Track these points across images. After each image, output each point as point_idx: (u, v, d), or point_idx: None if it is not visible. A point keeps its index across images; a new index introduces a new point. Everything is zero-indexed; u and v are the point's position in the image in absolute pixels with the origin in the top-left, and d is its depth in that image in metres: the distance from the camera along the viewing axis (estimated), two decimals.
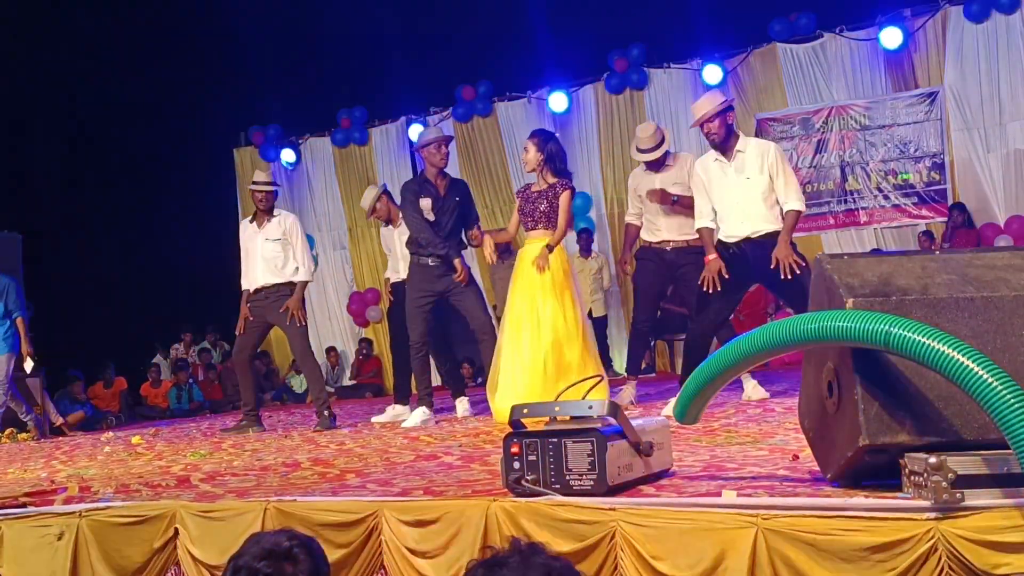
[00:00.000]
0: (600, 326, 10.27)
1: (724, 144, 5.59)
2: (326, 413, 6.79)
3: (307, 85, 12.31)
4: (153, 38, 11.86)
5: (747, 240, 5.55)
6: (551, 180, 6.00)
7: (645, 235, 6.63)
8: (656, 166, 6.53)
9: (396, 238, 7.36)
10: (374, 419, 7.10)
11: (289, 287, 6.76)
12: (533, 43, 11.11)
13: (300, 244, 6.88)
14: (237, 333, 6.93)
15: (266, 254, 6.77)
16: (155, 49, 11.90)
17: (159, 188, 11.93)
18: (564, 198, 5.96)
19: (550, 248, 5.88)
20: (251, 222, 6.98)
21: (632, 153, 6.85)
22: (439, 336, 6.95)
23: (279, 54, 11.96)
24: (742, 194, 5.54)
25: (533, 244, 6.00)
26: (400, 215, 7.27)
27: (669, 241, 6.43)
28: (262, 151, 13.25)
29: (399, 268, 7.33)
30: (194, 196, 12.14)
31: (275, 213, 6.93)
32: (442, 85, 11.92)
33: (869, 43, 10.06)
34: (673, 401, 5.71)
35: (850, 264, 2.83)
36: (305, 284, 6.87)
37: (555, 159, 6.02)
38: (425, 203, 6.45)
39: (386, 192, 7.55)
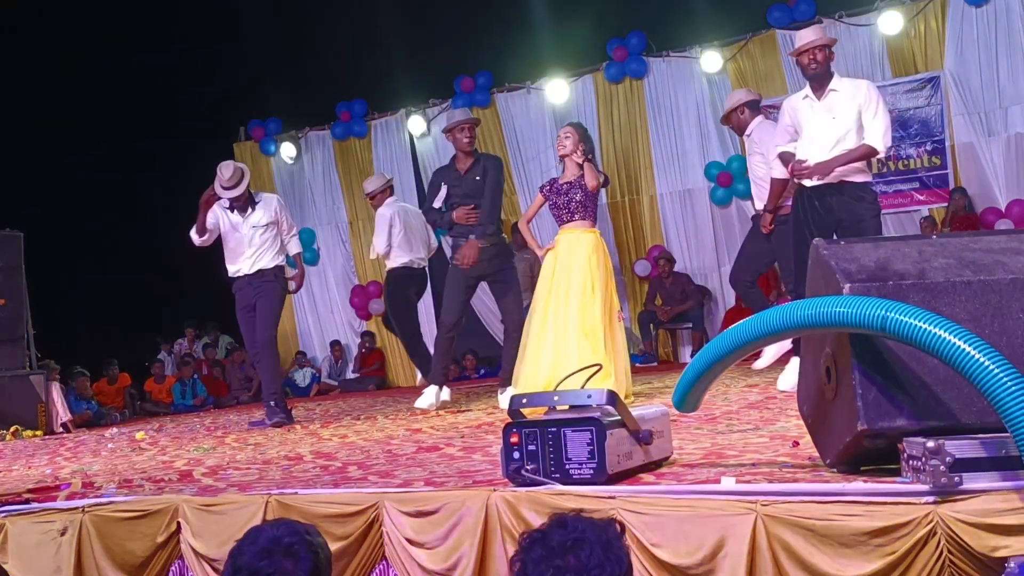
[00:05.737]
0: None
1: (821, 79, 5.36)
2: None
3: (306, 78, 12.29)
4: (152, 34, 11.84)
5: (829, 186, 5.31)
6: (580, 172, 5.92)
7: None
8: (738, 132, 6.64)
9: None
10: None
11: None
12: (532, 33, 11.09)
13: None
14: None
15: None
16: (155, 45, 11.88)
17: (160, 184, 11.91)
18: (588, 168, 5.89)
19: None
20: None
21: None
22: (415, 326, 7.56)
23: (278, 47, 11.94)
24: (829, 135, 5.32)
25: (572, 233, 5.90)
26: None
27: (758, 213, 6.44)
28: (262, 145, 13.25)
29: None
30: (195, 192, 12.12)
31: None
32: (441, 76, 11.89)
33: (868, 28, 10.03)
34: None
35: (847, 249, 2.83)
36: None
37: (590, 153, 5.99)
38: (443, 190, 6.58)
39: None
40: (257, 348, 6.74)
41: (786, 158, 5.53)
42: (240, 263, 6.76)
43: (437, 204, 6.57)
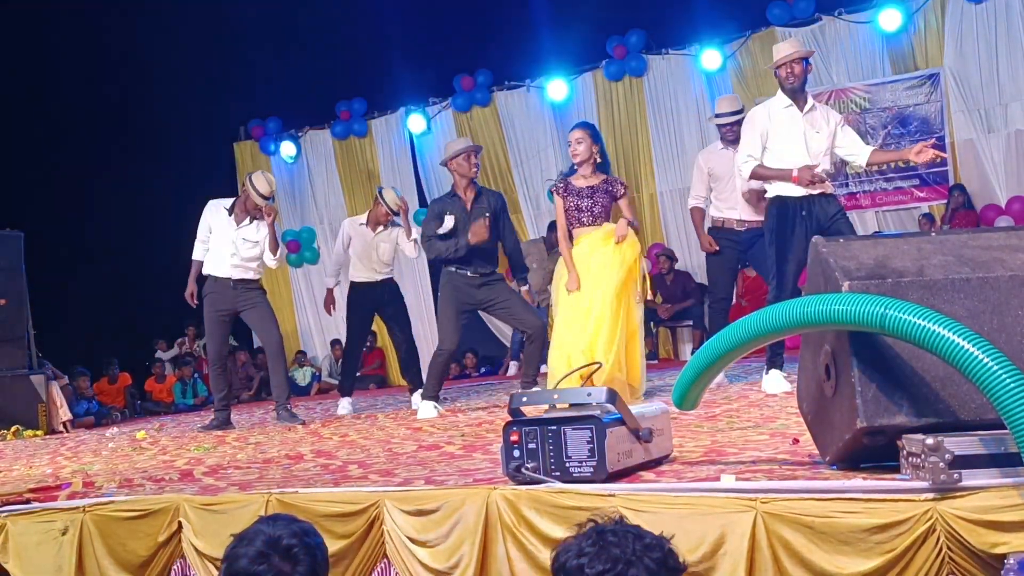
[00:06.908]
0: None
1: (800, 91, 5.46)
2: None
3: (306, 77, 12.28)
4: (152, 33, 11.83)
5: (816, 196, 5.35)
6: (600, 176, 5.87)
7: (722, 213, 6.54)
8: (733, 142, 6.47)
9: (379, 243, 7.36)
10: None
11: None
12: (531, 31, 11.08)
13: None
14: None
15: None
16: (154, 44, 11.87)
17: (160, 183, 11.90)
18: (626, 203, 5.89)
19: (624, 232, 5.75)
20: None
21: (710, 119, 6.96)
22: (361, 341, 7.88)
23: (277, 47, 11.94)
24: (815, 147, 5.43)
25: (589, 236, 5.83)
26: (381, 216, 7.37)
27: (745, 221, 6.37)
28: (262, 144, 13.27)
29: (377, 268, 7.41)
30: (195, 191, 12.10)
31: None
32: (441, 75, 11.90)
33: (868, 25, 10.03)
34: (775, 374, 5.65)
35: (846, 247, 2.83)
36: None
37: (604, 155, 5.94)
38: (449, 221, 6.32)
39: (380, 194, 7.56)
40: (273, 349, 6.85)
41: (780, 173, 5.42)
42: (224, 266, 6.79)
43: (442, 231, 6.32)
